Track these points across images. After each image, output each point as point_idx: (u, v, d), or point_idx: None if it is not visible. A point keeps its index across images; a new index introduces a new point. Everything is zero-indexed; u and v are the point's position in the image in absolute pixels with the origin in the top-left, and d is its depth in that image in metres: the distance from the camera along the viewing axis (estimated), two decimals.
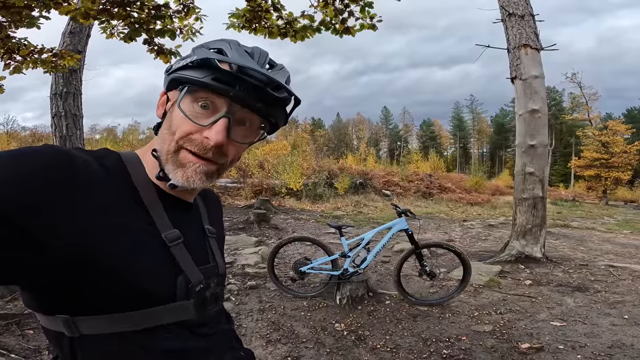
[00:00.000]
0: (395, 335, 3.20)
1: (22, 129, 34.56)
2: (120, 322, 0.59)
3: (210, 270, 0.74)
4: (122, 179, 0.63)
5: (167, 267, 0.64)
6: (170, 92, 0.67)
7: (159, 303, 0.62)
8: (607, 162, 26.21)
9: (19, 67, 3.59)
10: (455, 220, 11.63)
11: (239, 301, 3.91)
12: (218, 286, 0.76)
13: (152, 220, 0.64)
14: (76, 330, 0.58)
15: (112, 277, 0.57)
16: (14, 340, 2.77)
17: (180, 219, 0.69)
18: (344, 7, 3.54)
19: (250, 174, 15.25)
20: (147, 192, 0.65)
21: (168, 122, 0.66)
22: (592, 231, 9.65)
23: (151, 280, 0.61)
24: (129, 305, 0.59)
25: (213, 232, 0.80)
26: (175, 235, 0.66)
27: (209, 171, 0.65)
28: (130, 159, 0.67)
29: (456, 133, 67.53)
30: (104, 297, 0.58)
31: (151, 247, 0.62)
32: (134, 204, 0.62)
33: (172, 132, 0.64)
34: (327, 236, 7.61)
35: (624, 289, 4.32)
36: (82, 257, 0.54)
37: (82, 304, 0.58)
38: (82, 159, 0.57)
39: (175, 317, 0.64)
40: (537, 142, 5.62)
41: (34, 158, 0.52)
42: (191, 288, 0.66)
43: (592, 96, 33.98)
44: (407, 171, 21.19)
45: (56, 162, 0.53)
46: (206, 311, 0.71)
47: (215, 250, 0.79)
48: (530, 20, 5.78)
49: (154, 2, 3.28)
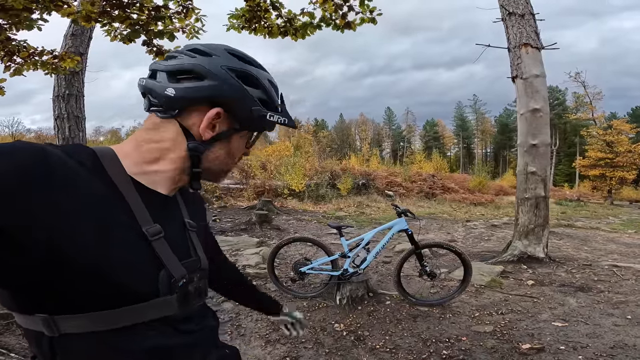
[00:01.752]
0: (394, 335, 3.19)
1: (27, 131, 34.87)
2: (102, 320, 0.59)
3: (192, 264, 0.73)
4: (98, 174, 0.62)
5: (148, 262, 0.64)
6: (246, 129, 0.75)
7: (141, 299, 0.61)
8: (611, 161, 25.99)
9: (19, 69, 3.60)
10: (458, 220, 11.58)
11: None
12: (201, 280, 0.75)
13: (133, 214, 0.63)
14: (56, 329, 0.57)
15: (92, 274, 0.56)
16: (14, 339, 2.78)
17: (160, 213, 0.69)
18: (343, 1, 3.53)
19: (252, 175, 15.27)
20: (125, 186, 0.64)
21: (227, 148, 0.74)
22: (597, 231, 9.57)
23: (132, 276, 0.60)
24: (110, 302, 0.59)
25: (193, 225, 0.80)
26: (156, 230, 0.65)
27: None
28: (105, 154, 0.66)
29: (459, 133, 67.33)
30: (84, 296, 0.57)
31: (131, 242, 0.62)
32: (112, 199, 0.62)
33: (232, 156, 0.76)
34: (329, 237, 7.60)
35: (628, 289, 4.28)
36: (60, 256, 0.53)
37: (63, 302, 0.57)
38: (56, 155, 0.56)
39: (159, 313, 0.64)
40: (539, 141, 5.58)
41: (8, 157, 0.51)
42: (174, 283, 0.66)
43: (596, 95, 33.81)
44: (410, 172, 21.12)
45: (30, 160, 0.52)
46: (190, 306, 0.71)
47: (197, 244, 0.78)
48: (530, 19, 5.75)
49: (153, 3, 3.29)
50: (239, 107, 0.69)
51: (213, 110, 0.68)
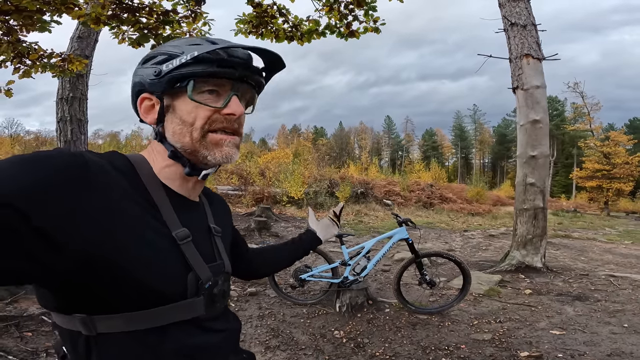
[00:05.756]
0: (394, 343, 3.20)
1: (26, 133, 34.85)
2: (135, 320, 0.61)
3: (217, 268, 0.76)
4: (133, 180, 0.66)
5: (178, 265, 0.66)
6: (164, 94, 0.70)
7: (171, 300, 0.64)
8: (608, 173, 26.17)
9: (28, 71, 3.63)
10: (456, 230, 11.61)
11: (239, 307, 3.92)
12: (225, 283, 0.78)
13: (163, 219, 0.66)
14: (93, 329, 0.59)
15: (129, 277, 0.58)
16: (12, 342, 2.77)
17: (188, 218, 0.71)
18: (349, 11, 3.62)
19: (251, 182, 15.26)
20: (156, 191, 0.68)
21: (177, 119, 0.70)
22: (593, 242, 9.61)
23: (165, 279, 0.63)
24: (143, 303, 0.61)
25: (219, 231, 0.82)
26: (185, 234, 0.68)
27: (236, 143, 0.74)
28: (137, 160, 0.70)
29: (457, 143, 67.58)
30: (119, 296, 0.59)
31: (163, 245, 0.64)
32: (145, 204, 0.65)
33: (190, 123, 0.69)
34: (328, 244, 7.61)
35: (624, 298, 4.31)
36: (97, 258, 0.55)
37: (99, 303, 0.59)
38: (95, 161, 0.59)
39: (187, 314, 0.66)
40: (538, 152, 5.64)
41: (51, 162, 0.53)
42: (201, 285, 0.68)
43: (594, 106, 34.03)
44: (409, 181, 21.15)
45: (72, 165, 0.55)
46: (215, 308, 0.73)
47: (221, 248, 0.81)
48: (532, 30, 5.80)
49: (162, 7, 3.35)
50: (148, 82, 0.70)
51: (140, 98, 0.73)
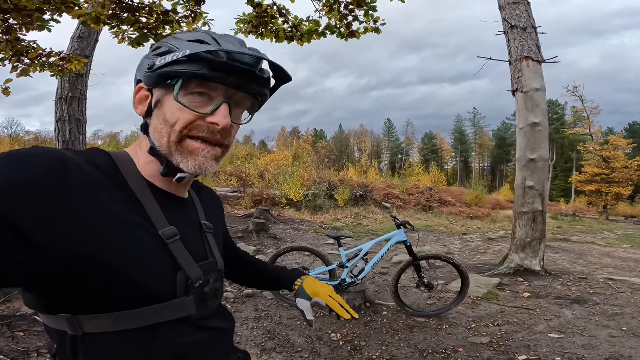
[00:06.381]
0: (391, 346, 3.18)
1: (26, 133, 34.86)
2: (124, 319, 0.60)
3: (209, 266, 0.74)
4: (115, 178, 0.63)
5: (166, 264, 0.64)
6: (155, 88, 0.67)
7: (160, 300, 0.62)
8: (608, 177, 26.20)
9: (26, 70, 3.61)
10: (455, 233, 11.60)
11: (235, 309, 3.89)
12: (217, 282, 0.75)
13: (149, 217, 0.64)
14: (79, 328, 0.58)
15: (114, 276, 0.57)
16: (3, 342, 2.75)
17: (176, 216, 0.69)
18: (349, 12, 3.62)
19: (250, 184, 15.25)
20: (140, 189, 0.65)
21: (161, 117, 0.66)
22: (592, 245, 9.60)
23: (152, 278, 0.61)
24: (131, 303, 0.60)
25: (210, 227, 0.80)
26: (172, 232, 0.66)
27: (216, 155, 0.69)
28: (121, 157, 0.67)
29: (457, 147, 67.64)
30: (106, 296, 0.58)
31: (150, 244, 0.62)
32: (129, 202, 0.63)
33: (171, 125, 0.65)
34: (326, 247, 7.60)
35: (623, 302, 4.30)
36: (80, 259, 0.54)
37: (85, 303, 0.58)
38: (74, 160, 0.57)
39: (177, 314, 0.65)
40: (537, 156, 5.63)
41: (28, 161, 0.52)
42: (191, 284, 0.67)
43: (593, 110, 34.12)
44: (408, 184, 21.15)
45: (49, 164, 0.53)
46: (207, 307, 0.71)
47: (214, 245, 0.79)
48: (532, 32, 5.81)
49: (162, 7, 3.35)
50: (143, 73, 0.67)
51: (137, 87, 0.70)
